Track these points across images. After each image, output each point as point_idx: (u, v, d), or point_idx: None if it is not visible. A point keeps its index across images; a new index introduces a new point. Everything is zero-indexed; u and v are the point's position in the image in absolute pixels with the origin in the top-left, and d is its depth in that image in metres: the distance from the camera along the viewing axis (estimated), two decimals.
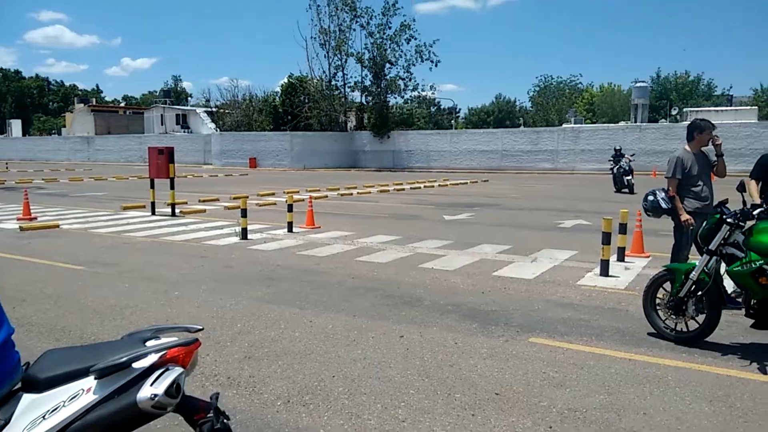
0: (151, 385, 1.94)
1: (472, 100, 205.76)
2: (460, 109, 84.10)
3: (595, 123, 58.27)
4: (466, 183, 27.66)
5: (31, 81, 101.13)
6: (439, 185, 26.12)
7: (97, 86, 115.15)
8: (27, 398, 1.99)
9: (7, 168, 39.76)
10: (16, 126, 76.02)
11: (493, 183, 27.87)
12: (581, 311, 6.12)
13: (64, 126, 77.29)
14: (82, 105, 75.20)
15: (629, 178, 21.35)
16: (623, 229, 8.49)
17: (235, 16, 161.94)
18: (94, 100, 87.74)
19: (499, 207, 16.91)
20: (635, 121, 43.71)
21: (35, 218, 13.33)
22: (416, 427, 3.61)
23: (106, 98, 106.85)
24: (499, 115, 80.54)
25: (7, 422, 1.95)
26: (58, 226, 12.32)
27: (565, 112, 68.68)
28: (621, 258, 8.52)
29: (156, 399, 1.92)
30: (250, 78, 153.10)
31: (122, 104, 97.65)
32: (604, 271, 7.67)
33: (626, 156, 22.24)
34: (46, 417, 1.93)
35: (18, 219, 13.12)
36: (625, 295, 6.78)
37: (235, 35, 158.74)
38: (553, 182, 28.37)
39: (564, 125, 47.05)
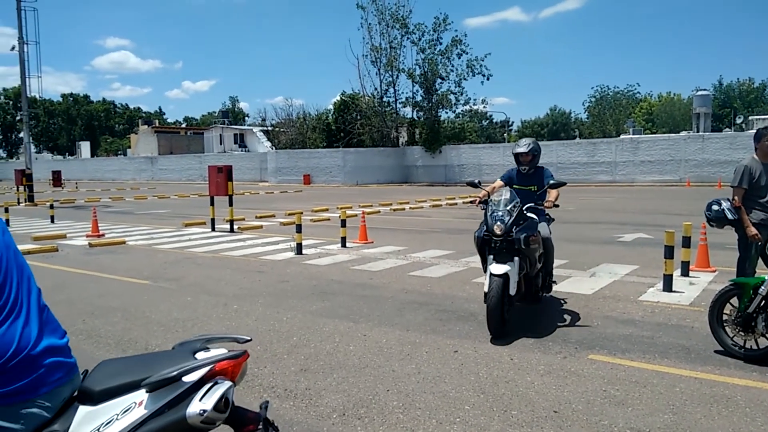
0: (200, 400, 1.98)
1: (525, 113, 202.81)
2: (512, 122, 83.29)
3: (654, 133, 56.57)
4: None
5: (98, 105, 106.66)
6: None
7: (160, 108, 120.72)
8: (83, 410, 2.07)
9: (76, 188, 41.89)
10: (85, 147, 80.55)
11: None
12: (643, 328, 5.91)
13: (129, 147, 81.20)
14: (145, 126, 78.85)
15: (492, 262, 5.70)
16: (687, 242, 8.17)
17: (288, 38, 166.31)
18: (157, 121, 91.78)
19: (554, 220, 16.53)
20: (697, 131, 42.16)
21: (103, 235, 13.99)
22: None
23: (168, 120, 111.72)
24: (554, 127, 79.27)
25: None
26: (124, 243, 12.88)
27: (622, 123, 66.99)
28: (685, 273, 8.20)
29: (205, 415, 1.97)
30: (303, 97, 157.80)
31: (183, 125, 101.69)
32: (668, 287, 7.39)
33: (548, 192, 6.74)
34: (100, 430, 2.01)
35: (87, 236, 13.82)
36: (689, 311, 6.51)
37: (289, 56, 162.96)
38: (612, 195, 27.59)
39: (622, 136, 45.86)
